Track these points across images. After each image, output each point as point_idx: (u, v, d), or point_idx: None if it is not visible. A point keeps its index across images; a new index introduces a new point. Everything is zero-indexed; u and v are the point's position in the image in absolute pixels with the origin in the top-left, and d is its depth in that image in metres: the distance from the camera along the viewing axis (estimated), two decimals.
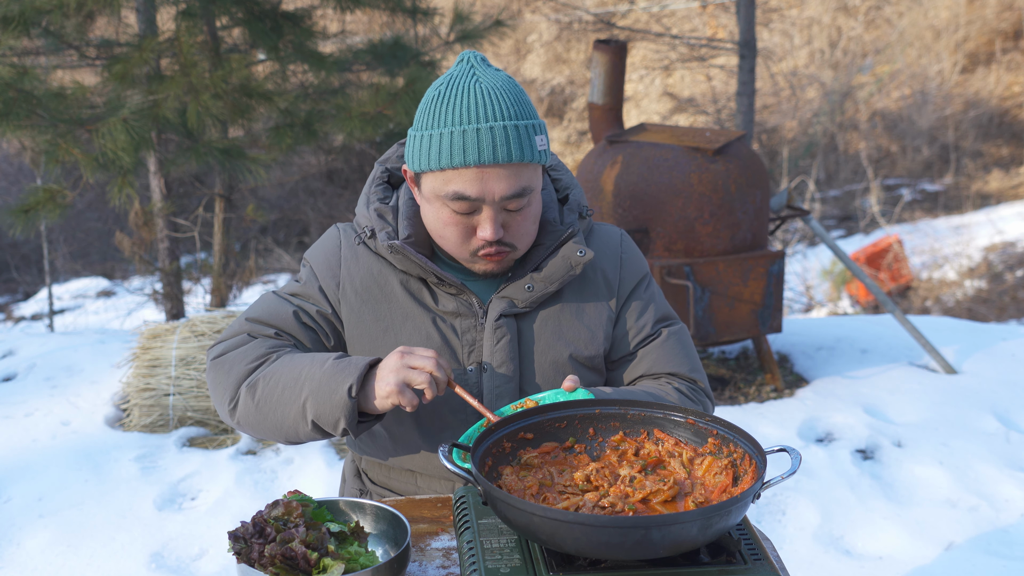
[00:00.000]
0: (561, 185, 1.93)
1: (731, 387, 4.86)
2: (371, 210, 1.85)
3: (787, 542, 3.45)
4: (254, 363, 1.76)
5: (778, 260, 4.60)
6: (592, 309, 1.86)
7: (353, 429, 1.66)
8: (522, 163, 1.68)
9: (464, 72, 1.71)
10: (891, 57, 15.09)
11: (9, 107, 4.86)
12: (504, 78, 1.71)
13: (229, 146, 5.32)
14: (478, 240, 1.73)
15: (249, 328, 1.83)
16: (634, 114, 13.60)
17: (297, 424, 1.69)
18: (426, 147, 1.69)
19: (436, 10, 6.21)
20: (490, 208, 1.70)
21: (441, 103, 1.68)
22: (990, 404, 4.53)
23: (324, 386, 1.65)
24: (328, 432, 1.70)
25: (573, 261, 1.81)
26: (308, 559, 1.35)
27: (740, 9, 5.98)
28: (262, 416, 1.73)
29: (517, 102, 1.69)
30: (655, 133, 4.80)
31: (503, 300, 1.81)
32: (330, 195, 12.43)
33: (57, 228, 9.66)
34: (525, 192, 1.70)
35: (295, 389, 1.68)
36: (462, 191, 1.68)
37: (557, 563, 1.34)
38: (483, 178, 1.67)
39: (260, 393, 1.72)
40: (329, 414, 1.65)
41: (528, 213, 1.75)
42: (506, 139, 1.66)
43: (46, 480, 3.82)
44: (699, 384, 1.91)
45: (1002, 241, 12.51)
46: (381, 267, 1.84)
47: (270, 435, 1.76)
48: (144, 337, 4.58)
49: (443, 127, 1.67)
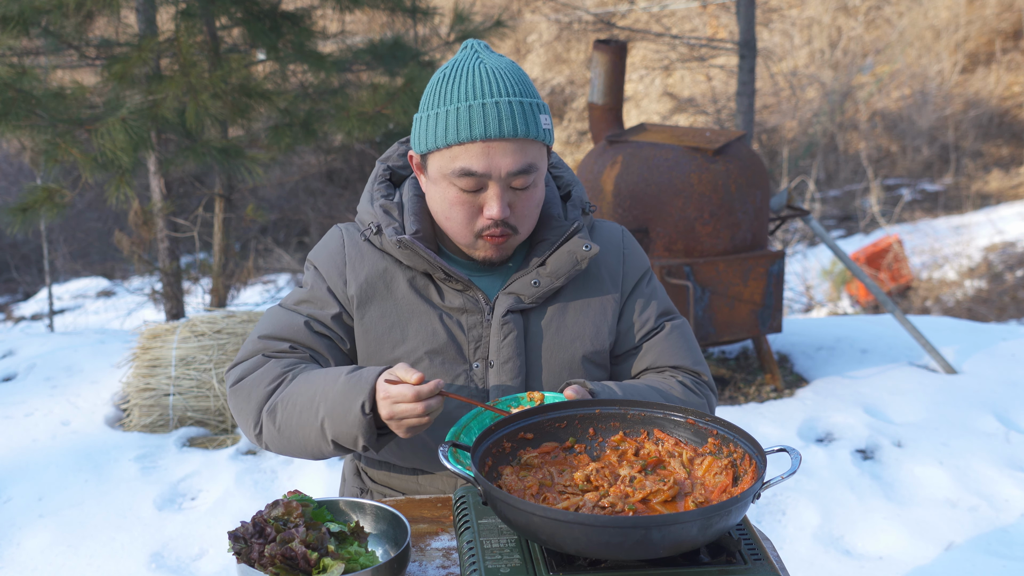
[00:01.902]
0: (563, 182, 1.94)
1: (731, 387, 4.86)
2: (376, 206, 1.85)
3: (787, 542, 3.45)
4: (271, 386, 1.76)
5: (778, 260, 4.60)
6: (596, 304, 1.87)
7: (373, 445, 1.67)
8: (527, 139, 1.70)
9: (468, 56, 1.73)
10: (891, 57, 15.09)
11: (8, 107, 4.86)
12: (508, 61, 1.74)
13: (227, 145, 5.31)
14: (484, 219, 1.74)
15: (263, 346, 1.82)
16: (634, 114, 13.60)
17: (320, 445, 1.71)
18: (432, 126, 1.71)
19: (436, 9, 6.21)
20: (496, 185, 1.71)
21: (447, 83, 1.71)
22: (990, 404, 4.53)
23: (339, 406, 1.65)
24: (350, 449, 1.70)
25: (579, 256, 1.81)
26: (308, 559, 1.35)
27: (740, 9, 5.98)
28: (286, 440, 1.75)
29: (521, 82, 1.72)
30: (655, 133, 4.80)
31: (509, 296, 1.81)
32: (330, 195, 12.42)
33: (57, 228, 9.65)
34: (531, 169, 1.72)
35: (311, 411, 1.69)
36: (469, 167, 1.69)
37: (557, 563, 1.33)
38: (489, 153, 1.68)
39: (280, 418, 1.73)
40: (347, 433, 1.66)
41: (533, 194, 1.76)
42: (511, 113, 1.68)
43: (46, 480, 3.82)
44: (703, 377, 1.92)
45: (1002, 241, 12.51)
46: (387, 264, 1.84)
47: (300, 455, 1.78)
48: (144, 337, 4.58)
49: (449, 104, 1.69)
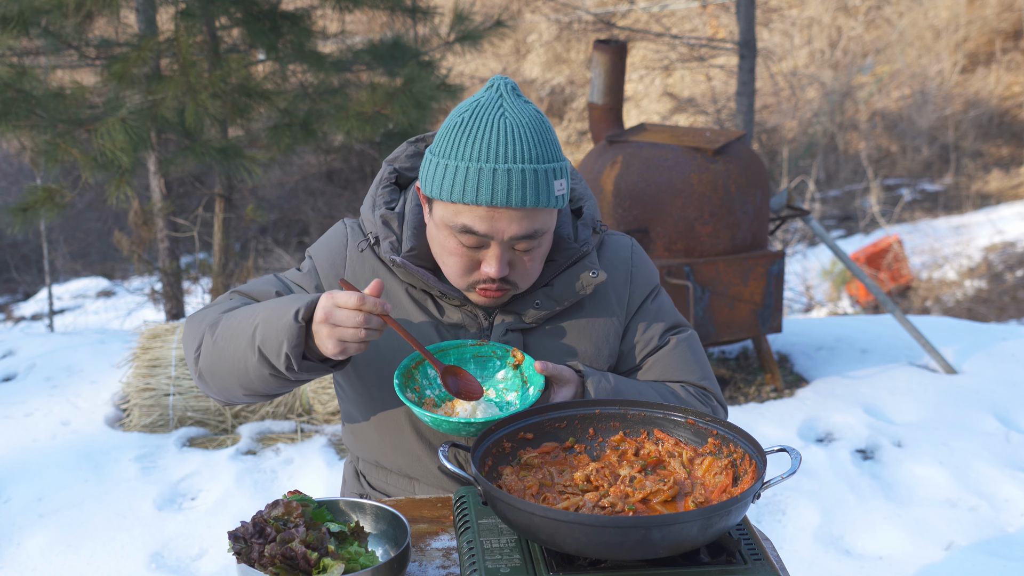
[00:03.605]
0: (575, 195, 1.88)
1: (731, 387, 4.86)
2: (376, 216, 1.82)
3: (787, 542, 3.45)
4: (223, 310, 1.75)
5: (778, 260, 4.60)
6: (600, 325, 1.83)
7: (296, 359, 1.59)
8: (537, 208, 1.64)
9: (491, 101, 1.64)
10: (891, 57, 15.09)
11: (8, 107, 4.86)
12: (532, 113, 1.65)
13: (226, 145, 5.32)
14: (480, 274, 1.70)
15: (233, 296, 1.82)
16: (634, 114, 13.59)
17: (246, 355, 1.64)
18: (440, 176, 1.64)
19: (435, 9, 6.21)
20: (498, 246, 1.66)
21: (462, 133, 1.63)
22: (990, 404, 4.53)
23: (275, 312, 1.61)
24: (273, 364, 1.62)
25: (585, 281, 1.78)
26: (308, 559, 1.35)
27: (740, 9, 5.98)
28: (219, 353, 1.69)
29: (541, 143, 1.63)
30: (655, 133, 4.80)
31: (509, 315, 1.79)
32: (330, 195, 12.42)
33: (57, 228, 9.65)
34: (536, 235, 1.66)
35: (251, 318, 1.65)
36: (471, 226, 1.64)
37: (557, 563, 1.33)
38: (494, 217, 1.63)
39: (220, 329, 1.69)
40: (273, 339, 1.59)
41: (536, 254, 1.71)
42: (523, 183, 1.61)
43: (46, 480, 3.82)
44: (709, 391, 1.86)
45: (1002, 241, 12.51)
46: (385, 272, 1.82)
47: (226, 378, 1.70)
48: (144, 337, 4.58)
49: (460, 160, 1.62)
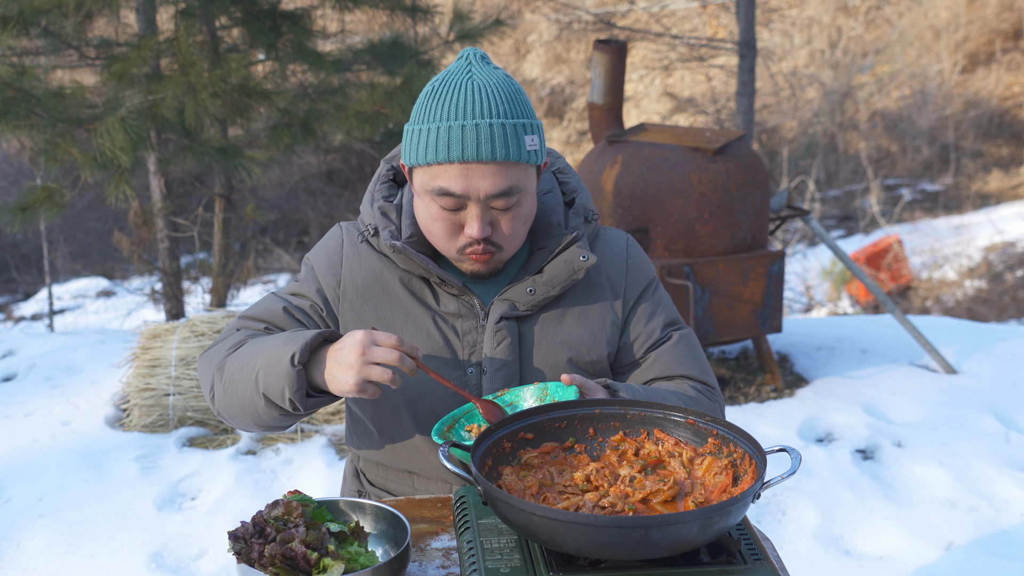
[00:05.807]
0: (568, 188, 1.92)
1: (731, 387, 4.86)
2: (375, 208, 1.85)
3: (787, 542, 3.45)
4: (231, 349, 1.76)
5: (778, 260, 4.60)
6: (595, 313, 1.85)
7: (301, 401, 1.63)
8: (508, 162, 1.66)
9: (461, 69, 1.70)
10: (891, 57, 15.09)
11: (8, 106, 4.86)
12: (501, 76, 1.70)
13: (227, 145, 5.32)
14: (464, 237, 1.72)
15: (239, 325, 1.84)
16: (634, 114, 13.60)
17: (254, 400, 1.67)
18: (415, 142, 1.70)
19: (435, 8, 6.21)
20: (476, 206, 1.68)
21: (434, 99, 1.69)
22: (990, 404, 4.53)
23: (273, 357, 1.64)
24: (280, 406, 1.65)
25: (576, 265, 1.79)
26: (308, 559, 1.34)
27: (740, 9, 5.98)
28: (229, 397, 1.72)
29: (509, 100, 1.67)
30: (655, 133, 4.80)
31: (505, 302, 1.80)
32: (330, 195, 12.42)
33: (57, 228, 9.65)
34: (512, 192, 1.68)
35: (252, 364, 1.67)
36: (447, 187, 1.67)
37: (557, 563, 1.33)
38: (468, 175, 1.66)
39: (226, 374, 1.72)
40: (275, 385, 1.63)
41: (517, 214, 1.73)
42: (491, 137, 1.64)
43: (46, 480, 3.82)
44: (711, 386, 1.90)
45: (1002, 241, 12.51)
46: (383, 266, 1.84)
47: (241, 418, 1.74)
48: (144, 337, 4.58)
49: (432, 122, 1.67)
